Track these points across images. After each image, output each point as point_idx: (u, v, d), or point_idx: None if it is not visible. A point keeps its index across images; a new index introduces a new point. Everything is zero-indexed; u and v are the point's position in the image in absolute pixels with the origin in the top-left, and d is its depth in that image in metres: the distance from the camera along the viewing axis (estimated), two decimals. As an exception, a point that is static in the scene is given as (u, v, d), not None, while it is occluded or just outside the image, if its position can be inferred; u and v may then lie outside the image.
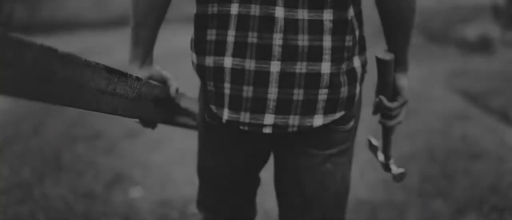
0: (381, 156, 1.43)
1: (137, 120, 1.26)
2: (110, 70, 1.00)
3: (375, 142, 1.45)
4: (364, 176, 3.05)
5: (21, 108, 4.48)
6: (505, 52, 7.59)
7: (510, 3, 9.13)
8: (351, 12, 1.11)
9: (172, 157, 3.36)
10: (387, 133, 1.37)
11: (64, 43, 8.65)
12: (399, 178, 1.37)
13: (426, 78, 6.16)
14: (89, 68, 0.93)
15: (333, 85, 1.09)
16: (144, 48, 1.20)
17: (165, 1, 1.14)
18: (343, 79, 1.11)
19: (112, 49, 8.17)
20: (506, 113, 4.33)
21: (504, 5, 9.68)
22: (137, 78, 1.12)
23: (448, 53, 7.88)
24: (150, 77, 1.25)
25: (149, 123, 1.28)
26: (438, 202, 2.70)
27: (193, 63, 1.18)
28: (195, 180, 3.02)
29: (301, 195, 1.22)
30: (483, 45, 7.99)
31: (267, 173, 1.43)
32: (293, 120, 1.10)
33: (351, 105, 1.14)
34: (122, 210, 2.62)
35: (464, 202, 2.69)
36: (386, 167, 1.41)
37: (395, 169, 1.38)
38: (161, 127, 4.11)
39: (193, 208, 2.66)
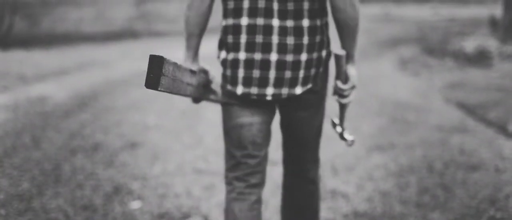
0: (338, 129, 1.91)
1: (191, 99, 1.81)
2: (191, 70, 1.62)
3: (336, 120, 1.92)
4: (362, 188, 3.06)
5: (21, 120, 4.49)
6: (502, 64, 7.63)
7: (507, 16, 9.18)
8: (320, 21, 1.71)
9: (171, 170, 3.37)
10: (342, 109, 1.87)
11: (64, 56, 8.69)
12: (350, 143, 1.87)
13: (424, 90, 6.19)
14: (186, 71, 1.57)
15: (307, 67, 1.70)
16: (194, 51, 1.78)
17: (207, 17, 1.71)
18: (314, 63, 1.72)
19: (112, 62, 8.20)
20: (504, 125, 4.35)
21: (501, 18, 9.74)
22: (197, 72, 1.70)
23: (445, 65, 7.92)
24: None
25: (197, 100, 1.84)
26: (436, 213, 2.71)
27: (219, 57, 1.76)
28: (194, 193, 3.04)
29: (294, 138, 1.90)
30: (481, 58, 8.03)
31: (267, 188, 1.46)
32: (284, 90, 1.71)
33: (317, 79, 1.75)
34: (121, 222, 2.63)
35: (462, 214, 2.70)
36: (342, 136, 1.90)
37: (348, 136, 1.87)
38: (160, 140, 4.12)
39: (192, 220, 2.67)
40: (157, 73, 1.41)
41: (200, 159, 3.57)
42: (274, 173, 3.08)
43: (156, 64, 1.42)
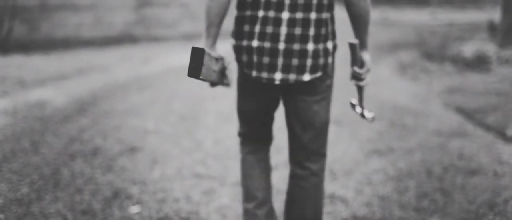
0: (358, 109, 2.12)
1: (209, 83, 1.99)
2: (216, 58, 1.86)
3: (354, 101, 2.14)
4: (361, 193, 3.07)
5: (20, 125, 4.49)
6: (501, 69, 7.65)
7: (505, 21, 9.20)
8: (325, 15, 1.90)
9: (170, 174, 3.37)
10: (360, 91, 2.10)
11: (63, 61, 8.69)
12: (371, 120, 2.10)
13: (422, 94, 6.20)
14: (213, 59, 1.80)
15: (315, 56, 1.90)
16: (213, 39, 1.94)
17: (226, 9, 1.89)
18: (321, 53, 1.92)
19: (111, 67, 8.21)
20: (502, 129, 4.36)
21: (499, 23, 9.76)
22: (219, 59, 1.92)
23: (444, 70, 7.93)
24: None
25: (215, 85, 2.03)
26: (435, 218, 2.71)
27: (233, 45, 1.98)
28: (193, 197, 3.04)
29: (300, 123, 2.04)
30: (479, 62, 8.04)
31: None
32: (292, 76, 1.90)
33: (326, 69, 1.96)
34: (120, 226, 2.63)
35: (461, 218, 2.70)
36: (362, 115, 2.10)
37: (367, 114, 2.09)
38: (159, 144, 4.11)
39: (191, 225, 2.66)
40: (199, 63, 1.66)
41: (199, 163, 3.57)
42: (273, 178, 3.08)
43: (198, 55, 1.66)
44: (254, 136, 2.21)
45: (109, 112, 5.09)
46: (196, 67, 1.64)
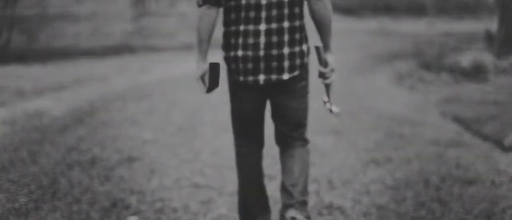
0: (328, 105, 2.35)
1: (205, 90, 2.26)
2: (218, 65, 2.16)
3: (325, 99, 2.36)
4: (359, 203, 3.07)
5: (18, 135, 4.50)
6: (498, 78, 7.68)
7: (502, 30, 9.25)
8: (298, 22, 2.22)
9: (168, 184, 3.37)
10: (327, 88, 2.35)
11: (61, 71, 8.71)
12: (337, 115, 2.34)
13: (419, 104, 6.22)
14: (219, 66, 2.13)
15: (291, 58, 2.22)
16: (204, 53, 2.25)
17: (214, 26, 2.19)
18: (297, 55, 2.23)
19: (109, 77, 8.22)
20: (499, 139, 4.37)
21: (496, 33, 9.80)
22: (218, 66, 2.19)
23: (441, 79, 7.96)
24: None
25: (212, 90, 2.25)
26: (432, 227, 2.72)
27: (223, 56, 2.27)
28: (192, 207, 3.04)
29: (281, 114, 2.33)
30: (476, 72, 8.08)
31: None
32: (273, 76, 2.22)
33: (303, 68, 2.26)
34: (118, 236, 2.62)
35: (458, 228, 2.70)
36: (330, 110, 2.35)
37: (334, 109, 2.33)
38: (156, 154, 4.11)
39: (189, 235, 2.66)
40: (216, 76, 2.08)
41: (197, 173, 3.58)
42: (271, 188, 3.08)
43: (216, 69, 2.09)
44: (246, 138, 2.43)
45: (107, 122, 5.09)
46: (215, 81, 2.04)
